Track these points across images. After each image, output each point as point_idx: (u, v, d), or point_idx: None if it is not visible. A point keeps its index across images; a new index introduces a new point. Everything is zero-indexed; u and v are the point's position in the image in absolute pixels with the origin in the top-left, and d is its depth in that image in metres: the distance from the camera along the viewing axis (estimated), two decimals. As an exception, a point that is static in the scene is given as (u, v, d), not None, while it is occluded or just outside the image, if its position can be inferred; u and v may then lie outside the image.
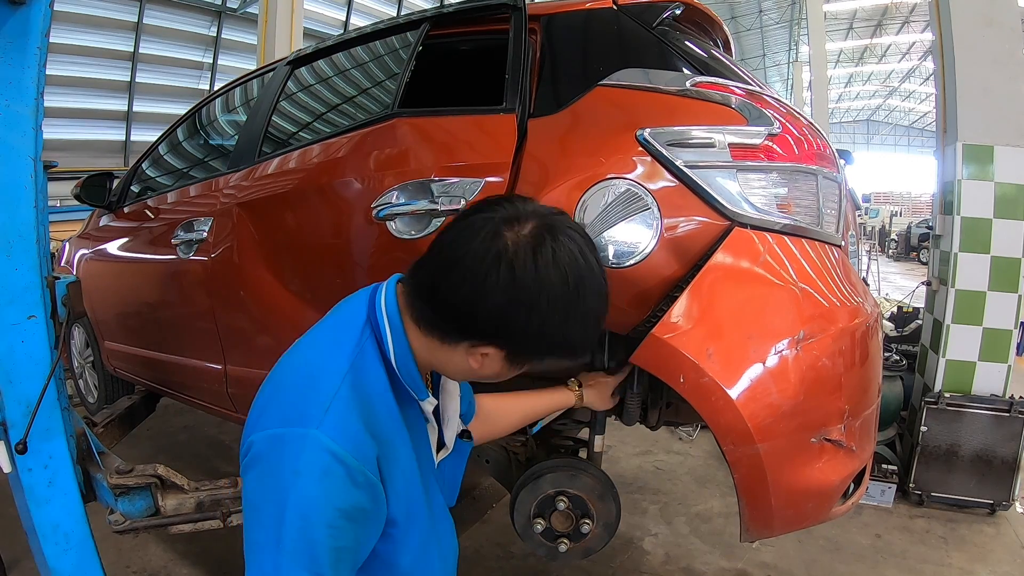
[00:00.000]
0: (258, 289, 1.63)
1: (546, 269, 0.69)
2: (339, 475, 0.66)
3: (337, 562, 0.67)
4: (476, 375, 0.79)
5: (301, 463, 0.65)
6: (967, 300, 2.71)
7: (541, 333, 0.71)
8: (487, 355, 0.75)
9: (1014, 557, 2.36)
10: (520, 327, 0.71)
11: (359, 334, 0.75)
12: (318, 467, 0.65)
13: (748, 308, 1.12)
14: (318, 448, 0.65)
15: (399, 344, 0.75)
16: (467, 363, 0.76)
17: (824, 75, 11.12)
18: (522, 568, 2.20)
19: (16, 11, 1.15)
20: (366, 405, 0.71)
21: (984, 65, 2.65)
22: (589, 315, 0.74)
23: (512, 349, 0.74)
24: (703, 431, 3.34)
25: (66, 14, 9.05)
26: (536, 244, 0.69)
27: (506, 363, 0.76)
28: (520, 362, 0.77)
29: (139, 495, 1.56)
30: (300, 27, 6.07)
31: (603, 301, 0.76)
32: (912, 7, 21.36)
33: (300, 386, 0.71)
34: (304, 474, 0.65)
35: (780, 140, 1.18)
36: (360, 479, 0.67)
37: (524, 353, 0.75)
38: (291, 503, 0.64)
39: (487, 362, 0.76)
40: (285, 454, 0.66)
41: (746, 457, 1.10)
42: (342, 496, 0.66)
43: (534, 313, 0.69)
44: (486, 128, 1.34)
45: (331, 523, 0.65)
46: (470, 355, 0.75)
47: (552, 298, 0.69)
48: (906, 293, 5.52)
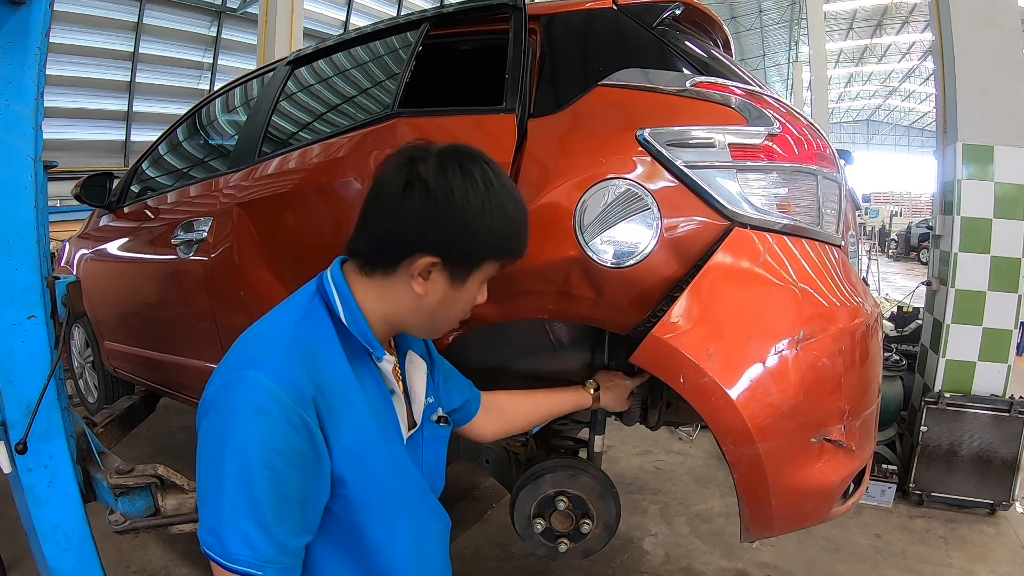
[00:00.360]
0: (258, 289, 1.63)
1: (455, 174, 0.75)
2: (274, 414, 0.67)
3: (280, 512, 0.68)
4: (429, 308, 0.80)
5: (238, 402, 0.67)
6: (967, 300, 2.72)
7: (464, 226, 0.75)
8: (428, 275, 0.78)
9: (1014, 557, 2.36)
10: (444, 225, 0.75)
11: (307, 301, 0.80)
12: (253, 405, 0.67)
13: (748, 308, 1.12)
14: (255, 387, 0.67)
15: (346, 300, 0.79)
16: (413, 293, 0.78)
17: (824, 75, 11.13)
18: (522, 568, 2.20)
19: (16, 11, 1.15)
20: (311, 356, 0.73)
21: (984, 65, 2.65)
22: (507, 207, 0.78)
23: (444, 254, 0.76)
24: (703, 431, 3.34)
25: (66, 14, 9.05)
26: (445, 161, 0.76)
27: (448, 280, 0.78)
28: (460, 274, 0.79)
29: (139, 495, 1.55)
30: (300, 27, 6.07)
31: (517, 201, 0.81)
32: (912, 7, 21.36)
33: (247, 343, 0.75)
34: (240, 412, 0.67)
35: (780, 140, 1.18)
36: (296, 420, 0.68)
37: (458, 257, 0.77)
38: (228, 443, 0.66)
39: (431, 285, 0.78)
40: (225, 396, 0.69)
41: (746, 457, 1.10)
42: (278, 436, 0.67)
43: (452, 209, 0.74)
44: (486, 128, 1.34)
45: (268, 464, 0.66)
46: (413, 281, 0.78)
47: (464, 194, 0.75)
48: (906, 293, 5.52)
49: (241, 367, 0.70)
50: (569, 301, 1.21)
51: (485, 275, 0.82)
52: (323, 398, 0.72)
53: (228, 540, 0.66)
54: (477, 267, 0.79)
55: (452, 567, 0.98)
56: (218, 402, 0.69)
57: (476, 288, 0.82)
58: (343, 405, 0.75)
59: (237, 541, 0.66)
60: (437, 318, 0.83)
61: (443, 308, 0.81)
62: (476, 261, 0.79)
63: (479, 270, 0.80)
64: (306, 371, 0.71)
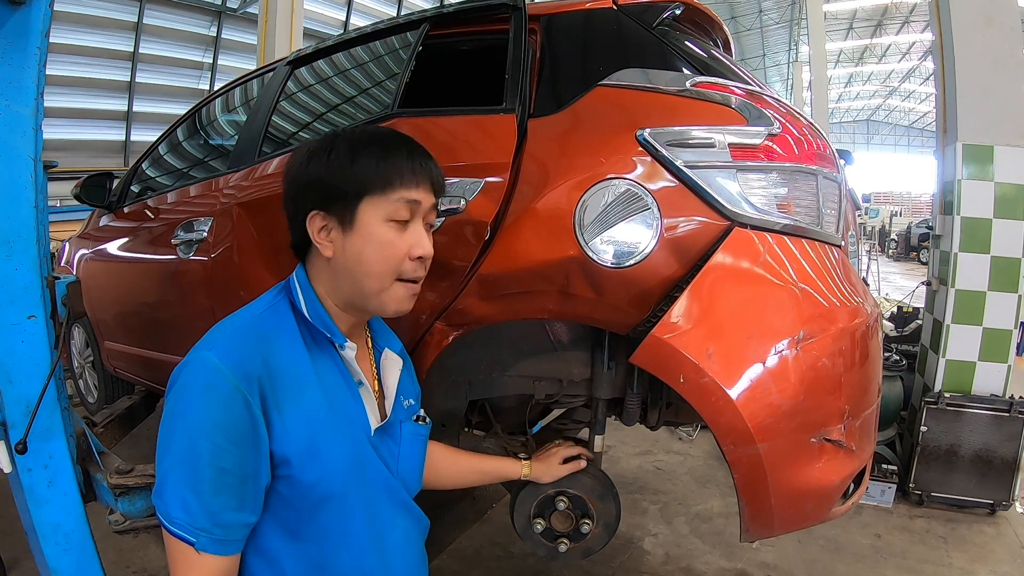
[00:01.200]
0: (258, 289, 1.61)
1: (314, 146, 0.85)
2: (219, 390, 0.72)
3: (217, 484, 0.72)
4: (347, 266, 0.83)
5: (190, 378, 0.74)
6: (967, 300, 2.72)
7: (325, 174, 0.82)
8: (326, 232, 0.83)
9: (1014, 557, 2.36)
10: (309, 182, 0.83)
11: (273, 296, 0.87)
12: (201, 381, 0.73)
13: (748, 308, 1.12)
14: (204, 365, 0.74)
15: (305, 291, 0.85)
16: (327, 260, 0.84)
17: (824, 75, 11.13)
18: (522, 568, 2.20)
19: (16, 11, 1.15)
20: (265, 341, 0.78)
21: (984, 65, 2.65)
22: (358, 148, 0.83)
23: (319, 203, 0.82)
24: (703, 431, 3.34)
25: (66, 14, 9.05)
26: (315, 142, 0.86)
27: (340, 226, 0.83)
28: (346, 215, 0.82)
29: (139, 495, 1.55)
30: (300, 27, 6.08)
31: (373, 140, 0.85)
32: (912, 7, 21.36)
33: (210, 331, 0.81)
34: (190, 387, 0.73)
35: (780, 140, 1.18)
36: (238, 398, 0.73)
37: (331, 199, 0.82)
38: (178, 415, 0.73)
39: (334, 241, 0.83)
40: (181, 374, 0.75)
41: (746, 457, 1.10)
42: (220, 411, 0.72)
43: (313, 167, 0.83)
44: (486, 128, 1.34)
45: (209, 437, 0.71)
46: (318, 244, 0.83)
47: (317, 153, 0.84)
48: (906, 293, 5.52)
49: (199, 349, 0.77)
50: (569, 301, 1.21)
51: (378, 211, 0.83)
52: (271, 380, 0.76)
53: (170, 503, 0.72)
54: (355, 202, 0.82)
55: (451, 566, 0.97)
56: (176, 379, 0.76)
57: (378, 226, 0.82)
58: (293, 389, 0.78)
59: (176, 506, 0.72)
60: (356, 278, 0.84)
61: (359, 260, 0.83)
62: (347, 197, 0.82)
63: (359, 205, 0.82)
64: (257, 353, 0.76)
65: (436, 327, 1.33)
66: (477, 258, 1.25)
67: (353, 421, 0.85)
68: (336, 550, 0.82)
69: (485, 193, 1.25)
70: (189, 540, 0.72)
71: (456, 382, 1.44)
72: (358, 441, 0.85)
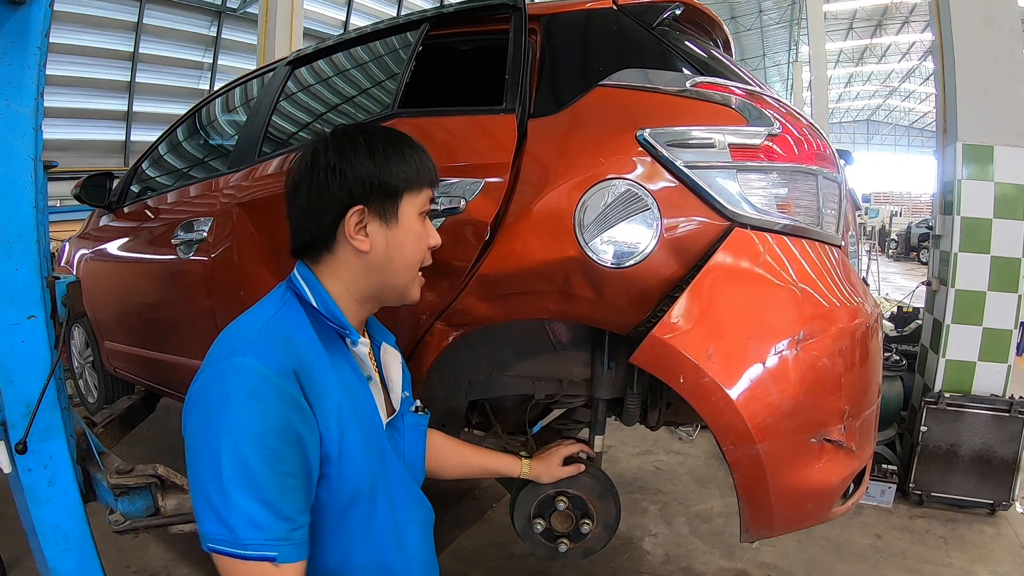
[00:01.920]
0: (258, 289, 1.62)
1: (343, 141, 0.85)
2: (267, 394, 0.69)
3: (284, 490, 0.68)
4: (380, 262, 0.85)
5: (229, 388, 0.69)
6: (967, 300, 2.71)
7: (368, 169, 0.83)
8: (363, 227, 0.83)
9: (1014, 557, 2.36)
10: (353, 177, 0.82)
11: (280, 296, 0.85)
12: (245, 389, 0.69)
13: (748, 308, 1.12)
14: (244, 371, 0.70)
15: (314, 288, 0.84)
16: (360, 255, 0.84)
17: (824, 75, 11.13)
18: (522, 568, 2.20)
19: (16, 11, 1.15)
20: (289, 341, 0.77)
21: (984, 65, 2.65)
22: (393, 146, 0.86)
23: (364, 198, 0.83)
24: (703, 431, 3.34)
25: (66, 14, 9.04)
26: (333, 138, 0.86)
27: (382, 222, 0.84)
28: (389, 210, 0.84)
29: (139, 495, 1.55)
30: (300, 27, 6.08)
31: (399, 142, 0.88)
32: (912, 7, 21.36)
33: (227, 337, 0.78)
34: (233, 398, 0.68)
35: (780, 140, 1.18)
36: (288, 398, 0.71)
37: (378, 195, 0.83)
38: (224, 430, 0.67)
39: (371, 236, 0.84)
40: (214, 386, 0.70)
41: (746, 457, 1.10)
42: (272, 415, 0.69)
43: (353, 163, 0.82)
44: (486, 128, 1.34)
45: (267, 444, 0.67)
46: (354, 241, 0.83)
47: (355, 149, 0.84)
48: (906, 293, 5.52)
49: (227, 356, 0.72)
50: (569, 301, 1.21)
51: (415, 205, 0.87)
52: (308, 378, 0.75)
53: (236, 527, 0.66)
54: (399, 196, 0.85)
55: (451, 566, 0.98)
56: (207, 393, 0.70)
57: (415, 220, 0.87)
58: (321, 387, 0.77)
59: (245, 526, 0.66)
60: (393, 270, 0.86)
61: (393, 255, 0.85)
62: (393, 192, 0.84)
63: (402, 199, 0.85)
64: (290, 353, 0.75)
65: (436, 327, 1.33)
66: (477, 258, 1.25)
67: (370, 416, 0.86)
68: (361, 552, 0.82)
69: (485, 193, 1.25)
70: (269, 556, 0.67)
71: (456, 382, 1.44)
72: (378, 436, 0.86)
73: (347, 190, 0.82)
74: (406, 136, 0.90)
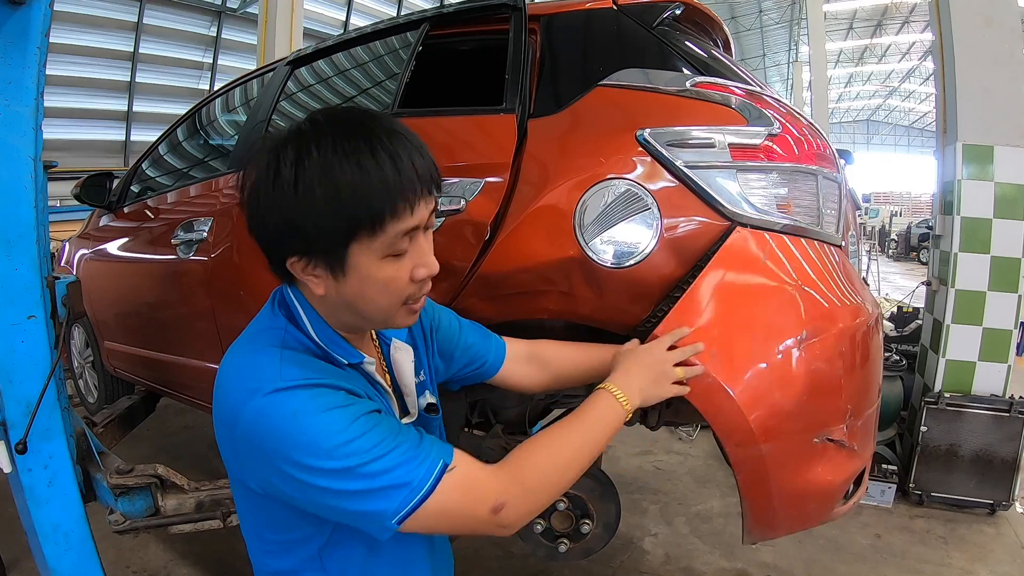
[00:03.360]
0: (258, 289, 1.63)
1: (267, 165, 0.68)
2: (322, 390, 0.68)
3: (387, 432, 0.68)
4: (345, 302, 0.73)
5: (289, 407, 0.66)
6: (967, 300, 2.71)
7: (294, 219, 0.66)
8: (313, 271, 0.71)
9: (1014, 557, 2.36)
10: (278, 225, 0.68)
11: (271, 320, 0.77)
12: (306, 395, 0.67)
13: (749, 308, 1.12)
14: (293, 389, 0.67)
15: (311, 316, 0.76)
16: (319, 296, 0.74)
17: (824, 75, 11.13)
18: (522, 568, 2.20)
19: (16, 11, 1.15)
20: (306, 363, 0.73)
21: (984, 65, 2.65)
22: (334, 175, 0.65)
23: (300, 251, 0.70)
24: (703, 431, 3.34)
25: (66, 14, 9.05)
26: (266, 153, 0.69)
27: (331, 273, 0.70)
28: (336, 263, 0.69)
29: (139, 495, 1.55)
30: (300, 27, 6.08)
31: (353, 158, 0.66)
32: (912, 7, 21.36)
33: (244, 376, 0.71)
34: (300, 409, 0.66)
35: (780, 140, 1.18)
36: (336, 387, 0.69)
37: (316, 250, 0.69)
38: (307, 437, 0.65)
39: (324, 281, 0.72)
40: (271, 415, 0.66)
41: (749, 458, 1.10)
42: (334, 399, 0.68)
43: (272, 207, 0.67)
44: (486, 128, 1.34)
45: (344, 419, 0.66)
46: (308, 281, 0.72)
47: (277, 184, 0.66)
48: (906, 293, 5.52)
49: (260, 392, 0.67)
50: (569, 301, 1.21)
51: (373, 251, 0.69)
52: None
53: (390, 495, 0.66)
54: (343, 250, 0.68)
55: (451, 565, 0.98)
56: (263, 426, 0.66)
57: (376, 267, 0.70)
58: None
59: (400, 490, 0.66)
60: (361, 310, 0.74)
61: (353, 299, 0.73)
62: (334, 246, 0.68)
63: (348, 251, 0.68)
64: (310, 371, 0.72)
65: (436, 327, 1.32)
66: (477, 258, 1.25)
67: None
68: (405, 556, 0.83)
69: (485, 193, 1.25)
70: (442, 466, 0.68)
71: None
72: None
73: (277, 239, 0.70)
74: (371, 141, 0.66)
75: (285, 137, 0.69)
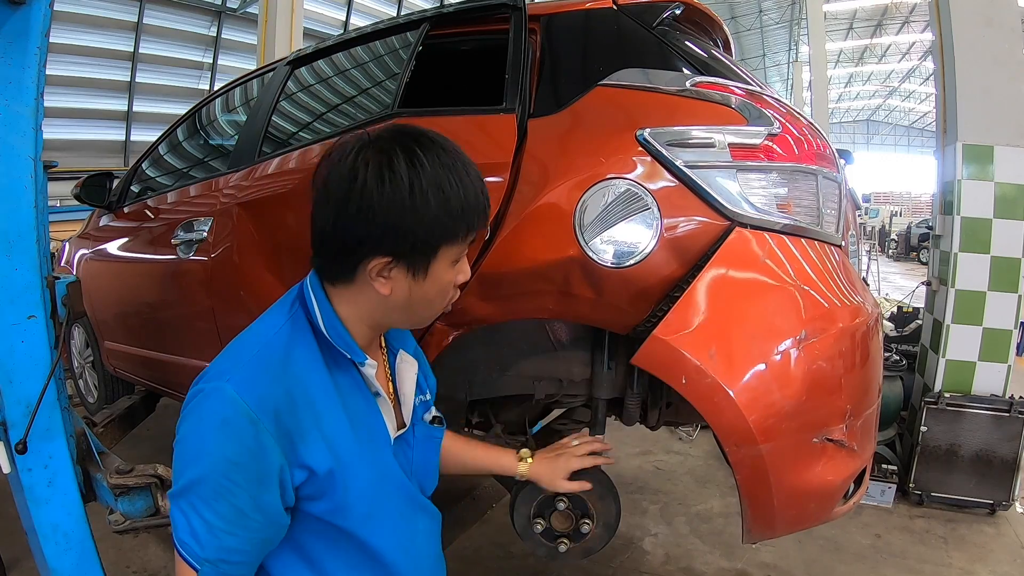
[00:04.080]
0: (258, 289, 1.63)
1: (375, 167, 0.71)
2: (238, 426, 0.68)
3: (233, 524, 0.70)
4: (401, 304, 0.78)
5: (205, 412, 0.70)
6: (967, 300, 2.71)
7: (400, 219, 0.71)
8: (388, 273, 0.75)
9: (1014, 557, 2.36)
10: (380, 223, 0.71)
11: (288, 309, 0.79)
12: (218, 416, 0.69)
13: (749, 308, 1.12)
14: (221, 398, 0.69)
15: (324, 309, 0.78)
16: (380, 295, 0.76)
17: (824, 75, 11.13)
18: (522, 568, 2.20)
19: (16, 11, 1.15)
20: (285, 367, 0.73)
21: (984, 65, 2.65)
22: (442, 186, 0.72)
23: (392, 251, 0.73)
24: (703, 431, 3.34)
25: (66, 14, 9.05)
26: (366, 156, 0.72)
27: (409, 274, 0.75)
28: (419, 265, 0.75)
29: (139, 495, 1.55)
30: (300, 27, 6.08)
31: (456, 173, 0.74)
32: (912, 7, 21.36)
33: (227, 354, 0.75)
34: (206, 422, 0.69)
35: (780, 140, 1.18)
36: (259, 437, 0.69)
37: (408, 251, 0.73)
38: (192, 448, 0.70)
39: (395, 283, 0.75)
40: (195, 405, 0.71)
41: (749, 458, 1.10)
42: (239, 449, 0.69)
43: (381, 205, 0.70)
44: (486, 128, 1.34)
45: (225, 474, 0.68)
46: (374, 282, 0.75)
47: (388, 186, 0.70)
48: (906, 293, 5.52)
49: (215, 378, 0.71)
50: (569, 301, 1.21)
51: (450, 257, 0.77)
52: (293, 410, 0.72)
53: (181, 528, 0.70)
54: (433, 254, 0.75)
55: (451, 566, 0.97)
56: (190, 410, 0.71)
57: (446, 272, 0.77)
58: (316, 415, 0.74)
59: (187, 532, 0.70)
60: (414, 311, 0.80)
61: (417, 300, 0.78)
62: (428, 250, 0.74)
63: (437, 256, 0.75)
64: (279, 384, 0.72)
65: (436, 327, 1.33)
66: (477, 258, 1.25)
67: (375, 437, 0.83)
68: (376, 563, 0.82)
69: (485, 193, 1.25)
70: (194, 567, 0.70)
71: (456, 382, 1.44)
72: (380, 456, 0.84)
73: (376, 237, 0.72)
74: (461, 159, 0.75)
75: (386, 143, 0.73)
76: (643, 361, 1.14)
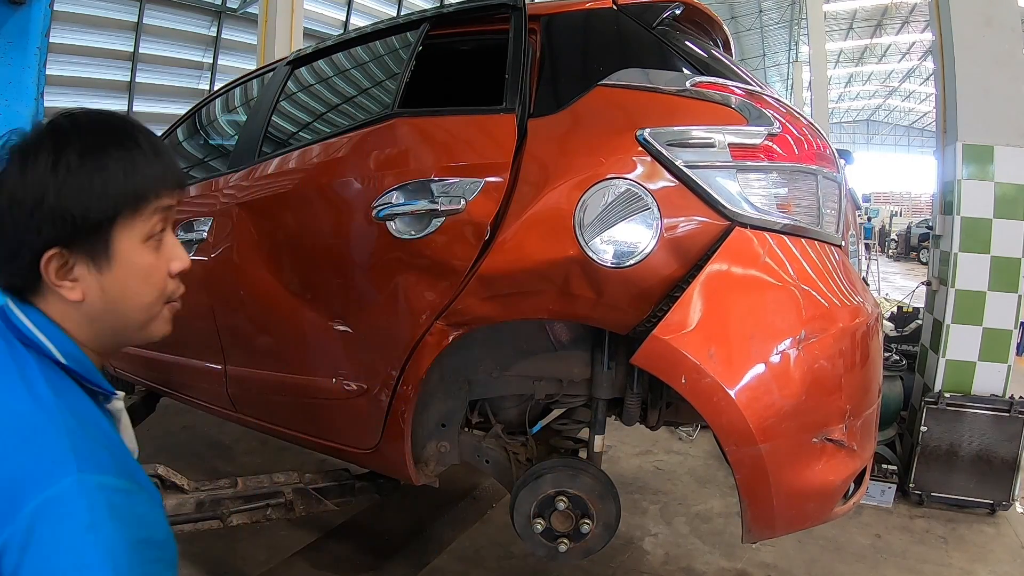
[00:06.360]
0: (258, 289, 1.63)
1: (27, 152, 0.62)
2: (127, 504, 0.57)
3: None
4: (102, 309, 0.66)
5: (88, 515, 0.54)
6: (967, 300, 2.71)
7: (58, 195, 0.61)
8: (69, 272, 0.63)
9: (1014, 557, 2.36)
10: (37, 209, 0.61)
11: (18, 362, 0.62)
12: (104, 507, 0.55)
13: (749, 308, 1.13)
14: (93, 489, 0.55)
15: (55, 336, 0.64)
16: (74, 305, 0.64)
17: (824, 75, 11.12)
18: (522, 568, 2.20)
19: (16, 11, 1.15)
20: (83, 423, 0.60)
21: (984, 65, 2.65)
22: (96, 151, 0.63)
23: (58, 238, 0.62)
24: (703, 431, 3.34)
25: (66, 14, 9.04)
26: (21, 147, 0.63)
27: (93, 264, 0.64)
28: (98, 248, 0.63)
29: (139, 495, 1.55)
30: (300, 27, 6.07)
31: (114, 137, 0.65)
32: (912, 7, 21.35)
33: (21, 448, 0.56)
34: (98, 523, 0.54)
35: (780, 140, 1.18)
36: (144, 497, 0.59)
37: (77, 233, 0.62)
38: (97, 562, 0.53)
39: (82, 283, 0.64)
40: (64, 517, 0.53)
41: (748, 458, 1.10)
42: (139, 524, 0.57)
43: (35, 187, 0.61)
44: (486, 128, 1.35)
45: (144, 559, 0.56)
46: (59, 288, 0.63)
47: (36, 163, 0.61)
48: (906, 293, 5.52)
49: (57, 475, 0.55)
50: (569, 301, 1.21)
51: (136, 234, 0.65)
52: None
53: None
54: (108, 232, 0.63)
55: (451, 566, 0.96)
56: (50, 529, 0.53)
57: (138, 252, 0.66)
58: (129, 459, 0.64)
59: None
60: (124, 313, 0.67)
61: (117, 297, 0.66)
62: (97, 227, 0.63)
63: (114, 234, 0.64)
64: (99, 438, 0.61)
65: (436, 327, 1.33)
66: (477, 258, 1.25)
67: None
68: None
69: (485, 193, 1.25)
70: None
71: (456, 382, 1.44)
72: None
73: (33, 227, 0.61)
74: (126, 125, 0.66)
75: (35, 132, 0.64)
76: (643, 361, 1.14)
